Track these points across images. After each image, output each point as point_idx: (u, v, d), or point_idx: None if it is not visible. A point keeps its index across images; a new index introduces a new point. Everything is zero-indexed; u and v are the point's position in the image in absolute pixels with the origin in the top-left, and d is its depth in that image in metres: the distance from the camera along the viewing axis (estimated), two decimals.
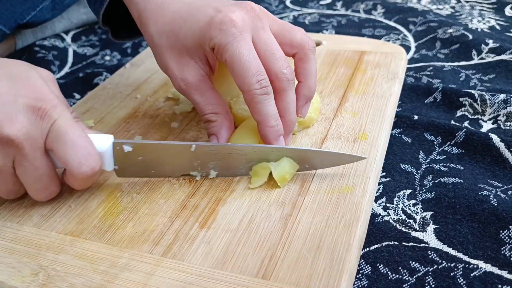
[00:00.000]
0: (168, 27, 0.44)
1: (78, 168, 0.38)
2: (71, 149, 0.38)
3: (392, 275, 0.37)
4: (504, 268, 0.37)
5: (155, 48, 0.45)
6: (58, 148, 0.38)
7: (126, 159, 0.42)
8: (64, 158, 0.38)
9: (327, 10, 0.94)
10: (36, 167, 0.38)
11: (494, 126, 0.55)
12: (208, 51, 0.43)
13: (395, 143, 0.52)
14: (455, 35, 0.75)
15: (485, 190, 0.44)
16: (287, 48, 0.45)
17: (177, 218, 0.40)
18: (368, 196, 0.41)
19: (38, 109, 0.37)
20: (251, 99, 0.41)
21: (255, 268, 0.35)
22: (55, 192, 0.42)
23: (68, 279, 0.35)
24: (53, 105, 0.38)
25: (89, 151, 0.38)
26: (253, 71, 0.40)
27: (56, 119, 0.37)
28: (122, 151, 0.41)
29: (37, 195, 0.41)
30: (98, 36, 0.88)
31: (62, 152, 0.38)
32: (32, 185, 0.39)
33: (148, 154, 0.42)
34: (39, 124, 0.37)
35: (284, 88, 0.42)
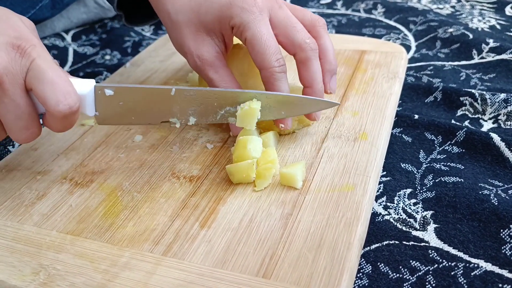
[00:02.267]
0: (187, 5, 0.45)
1: (55, 106, 0.37)
2: (49, 86, 0.37)
3: (393, 274, 0.37)
4: (504, 267, 0.37)
5: (172, 25, 0.46)
6: (37, 86, 0.37)
7: (107, 105, 0.42)
8: (42, 96, 0.37)
9: (327, 10, 0.94)
10: (16, 104, 0.38)
11: (494, 126, 0.55)
12: (227, 29, 0.44)
13: (396, 143, 0.52)
14: (456, 34, 0.75)
15: (486, 190, 0.44)
16: None
17: (177, 217, 0.40)
18: (368, 195, 0.41)
19: (18, 47, 0.37)
20: (270, 76, 0.43)
21: (255, 267, 0.35)
22: (36, 134, 0.40)
23: (69, 278, 0.35)
24: (32, 44, 0.38)
25: (68, 90, 0.38)
26: (273, 50, 0.43)
27: (35, 58, 0.37)
28: (103, 95, 0.42)
29: (18, 135, 0.39)
30: (98, 36, 0.88)
31: (41, 90, 0.37)
32: (13, 124, 0.39)
33: (129, 98, 0.43)
34: (19, 61, 0.37)
35: (309, 57, 0.45)
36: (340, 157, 0.45)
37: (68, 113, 0.38)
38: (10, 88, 0.37)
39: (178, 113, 0.44)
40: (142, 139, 0.51)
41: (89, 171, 0.46)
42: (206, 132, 0.51)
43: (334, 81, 0.48)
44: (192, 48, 0.45)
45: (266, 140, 0.45)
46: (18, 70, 0.37)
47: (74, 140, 0.51)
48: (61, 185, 0.45)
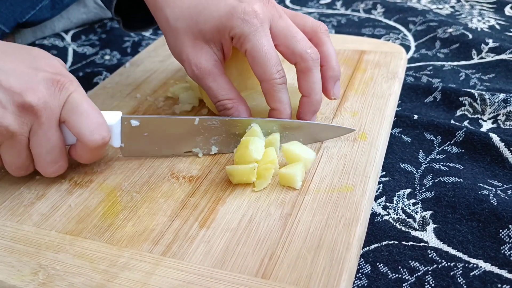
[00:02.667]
0: (186, 12, 0.45)
1: (90, 136, 0.40)
2: (84, 118, 0.40)
3: (392, 274, 0.37)
4: (503, 268, 0.37)
5: (170, 32, 0.46)
6: (73, 118, 0.40)
7: (132, 135, 0.45)
8: (77, 126, 0.40)
9: (327, 10, 0.94)
10: (49, 138, 0.40)
11: (494, 126, 0.55)
12: (226, 39, 0.44)
13: (395, 143, 0.52)
14: (455, 34, 0.75)
15: (485, 190, 0.44)
16: None
17: (177, 217, 0.40)
18: (367, 196, 0.41)
19: (57, 82, 0.39)
20: (271, 87, 0.44)
21: (254, 268, 0.35)
22: (63, 168, 0.43)
23: (68, 278, 0.35)
24: (70, 79, 0.40)
25: (100, 121, 0.41)
26: (273, 62, 0.43)
27: (72, 92, 0.40)
28: (129, 125, 0.44)
29: (46, 169, 0.42)
30: (98, 36, 0.88)
31: (76, 121, 0.40)
32: (43, 157, 0.41)
33: (154, 129, 0.45)
34: (57, 95, 0.39)
35: (310, 67, 0.45)
36: (339, 158, 0.45)
37: (101, 144, 0.41)
38: (46, 123, 0.39)
39: (200, 143, 0.46)
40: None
41: (89, 171, 0.46)
42: None
43: (338, 87, 0.48)
44: (190, 56, 0.45)
45: (273, 140, 0.45)
46: (56, 104, 0.39)
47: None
48: (60, 185, 0.45)
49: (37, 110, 0.38)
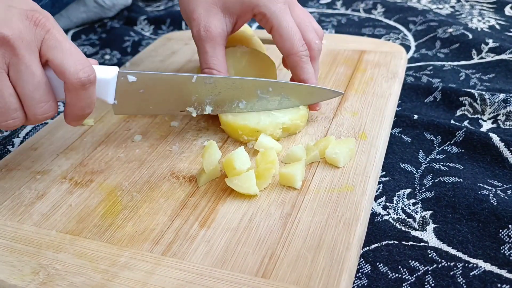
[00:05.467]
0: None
1: (75, 73, 0.38)
2: (68, 56, 0.38)
3: (392, 274, 0.37)
4: (503, 267, 0.37)
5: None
6: (55, 55, 0.38)
7: (127, 92, 0.44)
8: (60, 63, 0.38)
9: (327, 9, 0.94)
10: (32, 73, 0.38)
11: (493, 126, 0.55)
12: (246, 14, 0.47)
13: (395, 143, 0.52)
14: (455, 34, 0.75)
15: (485, 190, 0.44)
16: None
17: (177, 217, 0.40)
18: (368, 195, 0.41)
19: (32, 17, 0.38)
20: (299, 59, 0.48)
21: (255, 267, 0.35)
22: (53, 108, 0.40)
23: (68, 278, 0.35)
24: (46, 16, 0.38)
25: (84, 59, 0.39)
26: (298, 36, 0.47)
27: (50, 28, 0.38)
28: (126, 81, 0.43)
29: (36, 109, 0.39)
30: (98, 35, 0.88)
31: (59, 59, 0.38)
32: (30, 95, 0.38)
33: (150, 85, 0.44)
34: (33, 30, 0.37)
35: (314, 56, 0.50)
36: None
37: (87, 81, 0.39)
38: (25, 55, 0.37)
39: (195, 102, 0.46)
40: (141, 139, 0.51)
41: (89, 170, 0.46)
42: (206, 132, 0.51)
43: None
44: (202, 16, 0.47)
45: (298, 150, 0.45)
46: (33, 38, 0.37)
47: (74, 140, 0.51)
48: (61, 184, 0.45)
49: (12, 42, 0.36)
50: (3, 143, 0.57)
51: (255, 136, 0.47)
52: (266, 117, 0.47)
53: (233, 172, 0.41)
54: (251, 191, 0.41)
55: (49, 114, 0.40)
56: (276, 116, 0.47)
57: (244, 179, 0.41)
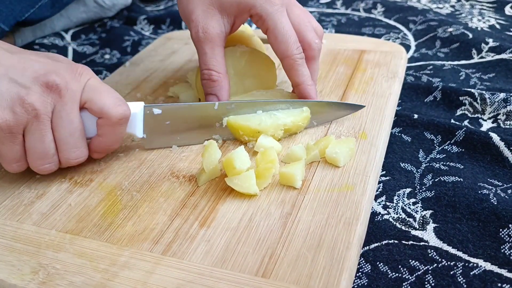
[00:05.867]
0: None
1: (113, 108, 0.41)
2: (106, 94, 0.42)
3: (392, 273, 0.37)
4: (503, 267, 0.37)
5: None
6: (94, 96, 0.41)
7: (154, 125, 0.46)
8: (100, 102, 0.41)
9: (327, 9, 0.94)
10: (71, 120, 0.41)
11: (494, 125, 0.55)
12: (243, 15, 0.47)
13: (395, 142, 0.52)
14: (455, 34, 0.75)
15: (485, 189, 0.44)
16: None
17: (177, 216, 0.40)
18: (368, 195, 0.41)
19: (76, 69, 0.42)
20: (293, 63, 0.47)
21: (255, 267, 0.35)
22: (84, 154, 0.43)
23: (68, 277, 0.35)
24: (86, 68, 0.43)
25: (121, 98, 0.43)
26: (293, 39, 0.47)
27: (90, 77, 0.42)
28: (151, 114, 0.45)
29: (69, 154, 0.42)
30: (98, 35, 0.88)
31: (98, 99, 0.41)
32: (66, 140, 0.41)
33: (175, 116, 0.46)
34: (77, 78, 0.41)
35: (314, 56, 0.50)
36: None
37: (124, 116, 0.42)
38: (68, 103, 0.40)
39: (220, 129, 0.48)
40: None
41: (89, 170, 0.46)
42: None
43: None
44: (200, 18, 0.47)
45: (298, 150, 0.45)
46: (77, 86, 0.41)
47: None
48: (61, 184, 0.45)
49: (60, 89, 0.39)
50: None
51: (256, 136, 0.47)
52: (267, 118, 0.47)
53: (233, 171, 0.41)
54: (251, 190, 0.41)
55: (81, 159, 0.43)
56: (278, 117, 0.47)
57: (244, 179, 0.41)
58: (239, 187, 0.41)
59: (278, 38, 0.47)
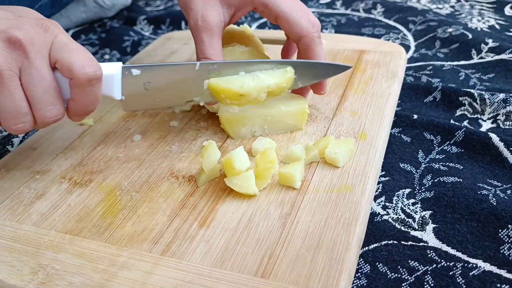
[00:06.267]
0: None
1: (82, 69, 0.39)
2: (75, 54, 0.39)
3: (391, 274, 0.37)
4: (503, 267, 0.37)
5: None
6: (63, 55, 0.39)
7: (133, 86, 0.44)
8: (68, 61, 0.39)
9: (326, 9, 0.94)
10: (42, 77, 0.39)
11: (493, 126, 0.55)
12: (246, 6, 0.48)
13: (395, 142, 0.52)
14: (455, 34, 0.75)
15: (484, 190, 0.44)
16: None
17: (176, 217, 0.40)
18: (367, 195, 0.41)
19: (42, 24, 0.39)
20: (311, 41, 0.47)
21: (254, 267, 0.35)
22: (61, 112, 0.41)
23: (67, 278, 0.35)
24: (54, 23, 0.40)
25: (91, 57, 0.40)
26: (305, 19, 0.47)
27: (58, 33, 0.40)
28: (130, 75, 0.43)
29: (45, 112, 0.40)
30: (98, 35, 0.88)
31: (67, 57, 0.39)
32: (40, 98, 0.39)
33: (155, 77, 0.44)
34: (43, 35, 0.39)
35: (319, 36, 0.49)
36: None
37: (94, 77, 0.40)
38: (36, 59, 0.38)
39: (201, 91, 0.46)
40: (141, 138, 0.51)
41: (88, 170, 0.46)
42: (205, 131, 0.51)
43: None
44: (200, 6, 0.47)
45: (297, 150, 0.45)
46: (43, 43, 0.39)
47: (73, 140, 0.51)
48: (60, 184, 0.45)
49: (25, 45, 0.38)
50: (2, 143, 0.57)
51: (238, 100, 0.45)
52: (250, 80, 0.45)
53: (232, 172, 0.41)
54: (251, 191, 0.41)
55: (58, 117, 0.41)
56: (261, 79, 0.45)
57: (244, 179, 0.41)
58: (239, 188, 0.41)
59: (290, 21, 0.47)
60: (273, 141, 0.47)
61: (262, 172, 0.42)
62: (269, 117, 0.48)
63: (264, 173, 0.42)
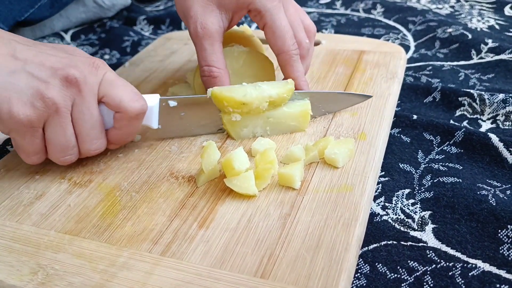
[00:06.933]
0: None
1: (130, 102, 0.42)
2: (123, 89, 0.42)
3: (391, 274, 0.37)
4: (502, 268, 0.37)
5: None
6: (112, 91, 0.42)
7: (169, 116, 0.47)
8: (117, 96, 0.42)
9: (326, 9, 0.94)
10: (92, 113, 0.42)
11: (493, 126, 0.55)
12: (241, 11, 0.48)
13: (394, 143, 0.52)
14: (455, 34, 0.75)
15: (484, 190, 0.44)
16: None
17: (176, 217, 0.40)
18: (367, 196, 0.41)
19: (93, 63, 0.42)
20: (289, 58, 0.49)
21: (253, 267, 0.35)
22: (104, 145, 0.44)
23: (67, 278, 0.35)
24: (102, 61, 0.43)
25: (137, 92, 0.43)
26: (290, 35, 0.48)
27: (107, 71, 0.42)
28: (167, 106, 0.47)
29: (90, 145, 0.43)
30: (97, 35, 0.88)
31: (115, 93, 0.42)
32: (87, 133, 0.42)
33: (190, 108, 0.47)
34: (94, 73, 0.42)
35: (304, 55, 0.51)
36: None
37: (141, 111, 0.43)
38: (87, 97, 0.41)
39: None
40: (140, 139, 0.51)
41: (88, 170, 0.46)
42: None
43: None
44: (199, 14, 0.47)
45: (297, 151, 0.45)
46: (95, 80, 0.41)
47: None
48: (60, 184, 0.45)
49: (79, 83, 0.40)
50: (2, 143, 0.57)
51: (241, 108, 0.46)
52: (253, 90, 0.46)
53: (232, 172, 0.41)
54: (250, 191, 0.41)
55: (101, 149, 0.44)
56: (263, 89, 0.47)
57: (243, 179, 0.41)
58: (238, 188, 0.41)
59: (275, 34, 0.48)
60: (272, 142, 0.47)
61: (261, 172, 0.42)
62: (271, 118, 0.48)
63: (264, 174, 0.42)
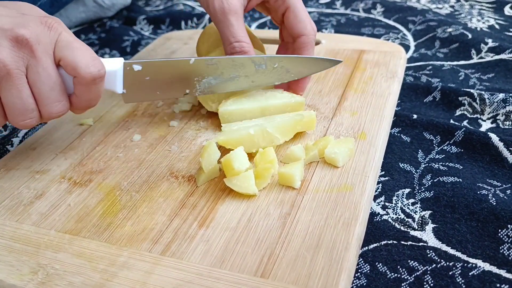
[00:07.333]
0: None
1: (86, 68, 0.40)
2: (78, 53, 0.40)
3: (391, 274, 0.37)
4: (502, 267, 0.37)
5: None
6: (67, 54, 0.40)
7: (134, 80, 0.46)
8: (72, 60, 0.40)
9: (326, 9, 0.94)
10: (49, 74, 0.40)
11: (493, 126, 0.55)
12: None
13: (394, 142, 0.52)
14: (455, 34, 0.75)
15: (484, 189, 0.44)
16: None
17: (176, 216, 0.40)
18: (367, 195, 0.41)
19: (46, 22, 0.40)
20: (308, 42, 0.51)
21: (254, 267, 0.35)
22: (66, 107, 0.42)
23: (67, 278, 0.35)
24: (56, 21, 0.41)
25: (94, 56, 0.41)
26: (310, 20, 0.51)
27: (61, 31, 0.41)
28: (132, 70, 0.45)
29: (52, 108, 0.41)
30: (97, 35, 0.88)
31: (71, 56, 0.40)
32: (47, 95, 0.41)
33: (155, 72, 0.46)
34: (47, 33, 0.40)
35: (313, 44, 0.52)
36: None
37: (97, 76, 0.41)
38: (42, 57, 0.39)
39: (197, 84, 0.48)
40: (140, 138, 0.51)
41: (88, 170, 0.46)
42: (205, 131, 0.51)
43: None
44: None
45: (297, 150, 0.45)
46: (48, 41, 0.40)
47: (73, 140, 0.51)
48: (60, 184, 0.45)
49: (31, 44, 0.38)
50: (2, 143, 0.57)
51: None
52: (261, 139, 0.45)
53: (232, 172, 0.41)
54: (250, 190, 0.41)
55: (63, 112, 0.43)
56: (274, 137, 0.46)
57: (243, 179, 0.41)
58: (238, 187, 0.41)
59: (298, 17, 0.50)
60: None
61: (261, 172, 0.42)
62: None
63: (264, 173, 0.42)
